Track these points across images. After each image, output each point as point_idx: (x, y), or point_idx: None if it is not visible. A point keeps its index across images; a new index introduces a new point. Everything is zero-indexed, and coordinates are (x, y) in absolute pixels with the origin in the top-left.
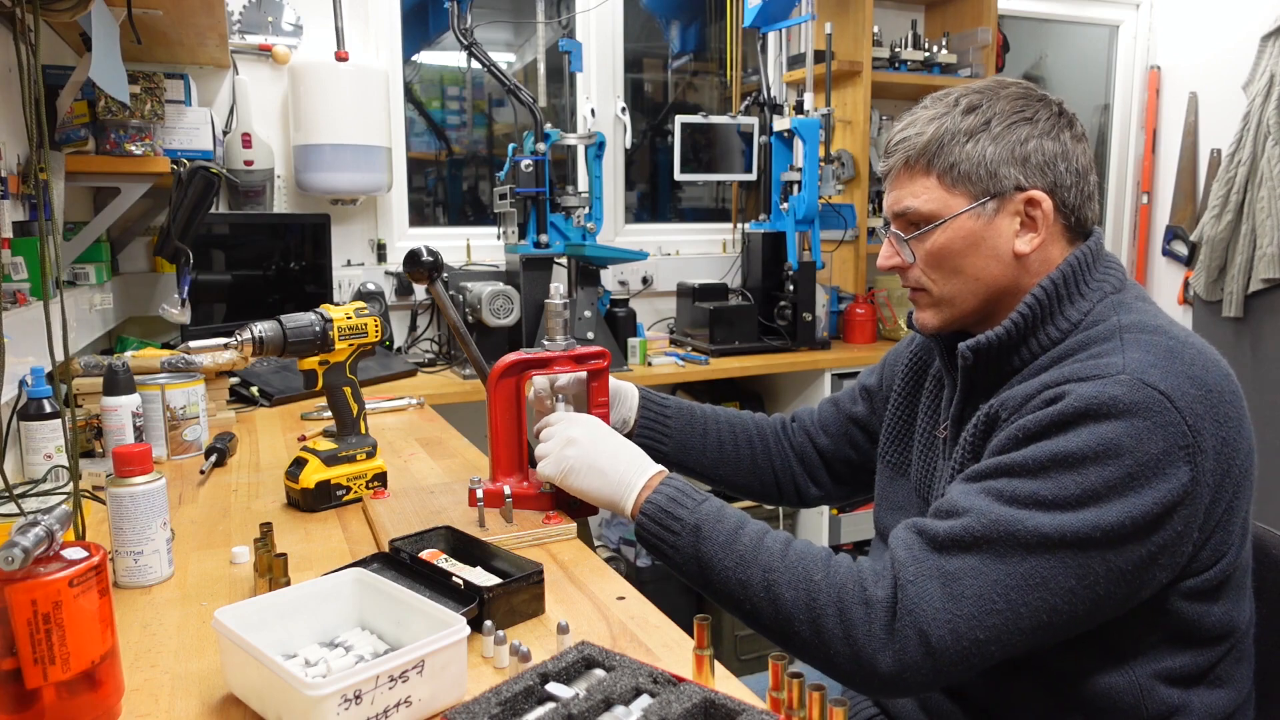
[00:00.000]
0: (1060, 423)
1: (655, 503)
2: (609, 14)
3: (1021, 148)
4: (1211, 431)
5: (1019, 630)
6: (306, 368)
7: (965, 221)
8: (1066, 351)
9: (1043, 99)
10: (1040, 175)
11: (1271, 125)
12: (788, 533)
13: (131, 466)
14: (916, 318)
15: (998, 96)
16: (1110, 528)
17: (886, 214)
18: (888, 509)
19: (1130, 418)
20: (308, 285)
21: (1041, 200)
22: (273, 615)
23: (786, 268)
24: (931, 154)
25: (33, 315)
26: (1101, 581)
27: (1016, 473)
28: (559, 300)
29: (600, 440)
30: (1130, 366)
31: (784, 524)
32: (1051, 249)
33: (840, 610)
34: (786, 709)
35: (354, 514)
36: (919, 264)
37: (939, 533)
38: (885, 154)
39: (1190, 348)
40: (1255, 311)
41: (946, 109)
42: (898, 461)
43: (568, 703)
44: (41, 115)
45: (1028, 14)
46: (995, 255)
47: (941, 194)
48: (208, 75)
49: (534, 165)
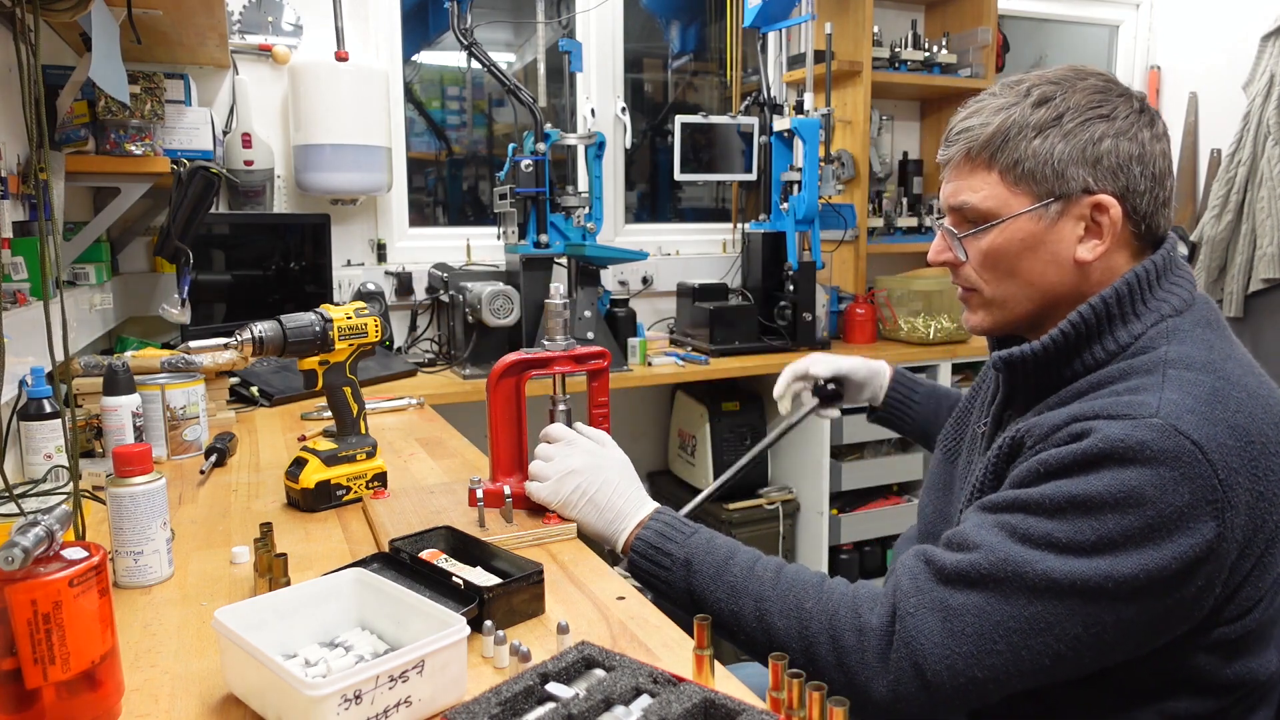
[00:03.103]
0: (1083, 462)
1: (645, 539)
2: (609, 14)
3: (1095, 147)
4: (1246, 486)
5: (1019, 672)
6: (306, 368)
7: (1025, 223)
8: (1107, 378)
9: (1124, 93)
10: (1112, 179)
11: (1271, 125)
12: (780, 559)
13: (131, 466)
14: (966, 318)
15: (1074, 88)
16: (1123, 579)
17: (941, 205)
18: (929, 488)
19: (1157, 466)
20: (308, 285)
21: (1110, 206)
22: (273, 615)
23: (786, 268)
24: (995, 147)
25: (33, 315)
26: (1110, 631)
27: (1033, 510)
28: (559, 300)
29: (599, 471)
30: (1165, 409)
31: (784, 525)
32: (1116, 257)
33: (833, 637)
34: (786, 709)
35: (354, 514)
36: (971, 262)
37: (946, 565)
38: (945, 141)
39: (1240, 390)
40: (1255, 311)
41: (1016, 99)
42: (951, 447)
43: (568, 703)
44: (41, 115)
45: (1028, 14)
46: (1054, 261)
47: (1002, 191)
48: (208, 75)
49: (534, 165)
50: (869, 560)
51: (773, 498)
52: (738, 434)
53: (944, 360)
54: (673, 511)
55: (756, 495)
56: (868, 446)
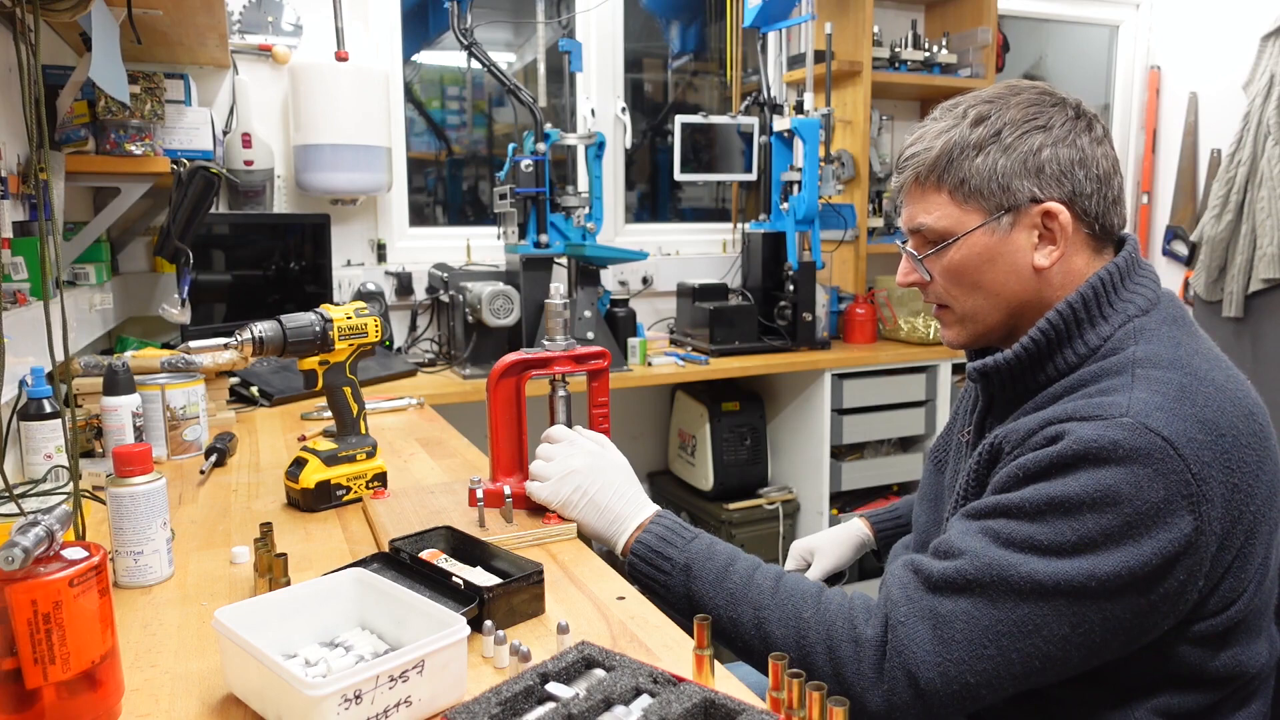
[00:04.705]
0: (1059, 464)
1: (645, 542)
2: (609, 14)
3: (1035, 158)
4: (1220, 479)
5: (1010, 675)
6: (306, 368)
7: (980, 238)
8: (1079, 382)
9: (1058, 102)
10: (1057, 185)
11: (1271, 125)
12: (779, 567)
13: (131, 466)
14: (942, 334)
15: (1008, 104)
16: (1106, 578)
17: (902, 229)
18: (920, 499)
19: (1130, 464)
20: (308, 285)
21: (1059, 212)
22: (273, 615)
23: (786, 268)
24: (941, 169)
25: (33, 315)
26: (1097, 630)
27: (1014, 514)
28: (559, 300)
29: (600, 472)
30: (1134, 408)
31: (784, 524)
32: (1075, 260)
33: (829, 648)
34: (786, 709)
35: (354, 514)
36: (937, 281)
37: (933, 573)
38: (896, 169)
39: (1208, 385)
40: (1255, 311)
41: (955, 121)
42: (939, 458)
43: (568, 703)
44: (41, 115)
45: (1028, 14)
46: (1014, 271)
47: (954, 210)
48: (208, 75)
49: (534, 165)
50: (867, 561)
51: (773, 498)
52: (737, 434)
53: (944, 360)
54: (673, 515)
55: (756, 495)
56: (868, 446)
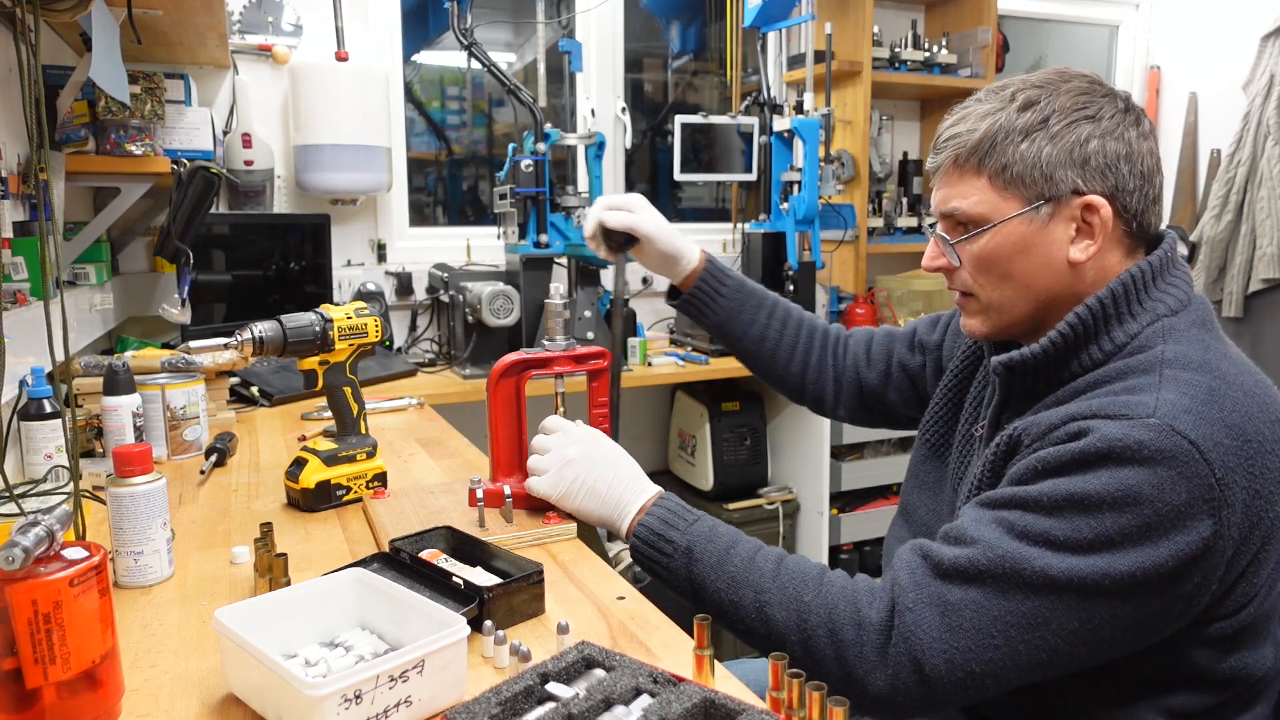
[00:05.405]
0: (1081, 461)
1: (648, 525)
2: (609, 14)
3: (1082, 148)
4: (1243, 484)
5: (1016, 667)
6: (306, 368)
7: (1016, 226)
8: (1104, 378)
9: (1109, 93)
10: (1100, 179)
11: (1271, 125)
12: (781, 549)
13: (132, 466)
14: (963, 323)
15: (1058, 91)
16: (1120, 577)
17: (933, 212)
18: (916, 486)
19: (1154, 466)
20: (308, 285)
21: (1100, 206)
22: (273, 615)
23: (786, 268)
24: (983, 153)
25: (33, 315)
26: (1106, 628)
27: (1030, 507)
28: (559, 300)
29: (598, 461)
30: (1162, 409)
31: (784, 524)
32: (1109, 257)
33: (831, 631)
34: (786, 709)
35: (354, 514)
36: (966, 267)
37: (944, 560)
38: (934, 149)
39: (1236, 389)
40: (1255, 311)
41: (1001, 104)
42: (937, 443)
43: (568, 703)
44: (41, 115)
45: (1028, 14)
46: (1047, 263)
47: (992, 196)
48: (208, 75)
49: (534, 165)
50: (869, 560)
51: (773, 498)
52: (737, 434)
53: None
54: (676, 497)
55: (756, 495)
56: (868, 446)
